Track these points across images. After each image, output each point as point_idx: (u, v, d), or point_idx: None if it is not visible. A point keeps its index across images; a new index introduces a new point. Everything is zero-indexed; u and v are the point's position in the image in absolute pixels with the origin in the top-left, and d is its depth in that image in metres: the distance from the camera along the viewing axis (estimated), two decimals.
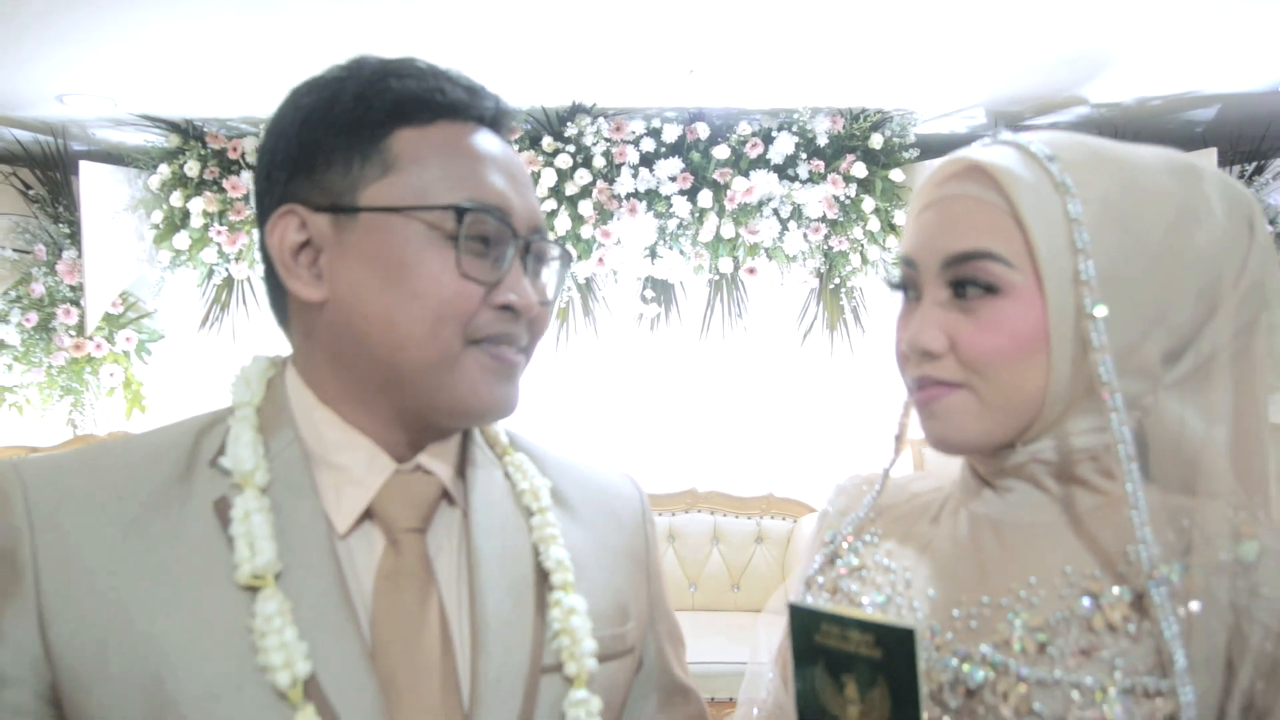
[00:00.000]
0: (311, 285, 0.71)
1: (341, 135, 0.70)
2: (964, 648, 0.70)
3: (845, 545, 0.82)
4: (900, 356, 0.76)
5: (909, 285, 0.76)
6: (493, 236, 0.71)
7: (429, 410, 0.72)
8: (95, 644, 0.63)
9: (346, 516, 0.70)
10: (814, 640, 0.64)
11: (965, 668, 0.69)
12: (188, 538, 0.66)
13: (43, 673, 0.64)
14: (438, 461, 0.75)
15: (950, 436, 0.74)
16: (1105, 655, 0.66)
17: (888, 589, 0.77)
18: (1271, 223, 3.60)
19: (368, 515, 0.71)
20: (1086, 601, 0.68)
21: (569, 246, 2.62)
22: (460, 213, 0.69)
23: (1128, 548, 0.67)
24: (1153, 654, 0.65)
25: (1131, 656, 0.66)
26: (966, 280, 0.71)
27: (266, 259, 0.73)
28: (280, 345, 0.78)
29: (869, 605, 0.76)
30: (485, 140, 0.74)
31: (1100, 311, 0.67)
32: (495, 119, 0.75)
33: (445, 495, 0.75)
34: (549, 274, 0.77)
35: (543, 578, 0.75)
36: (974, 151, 0.73)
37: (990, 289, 0.70)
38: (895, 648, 0.60)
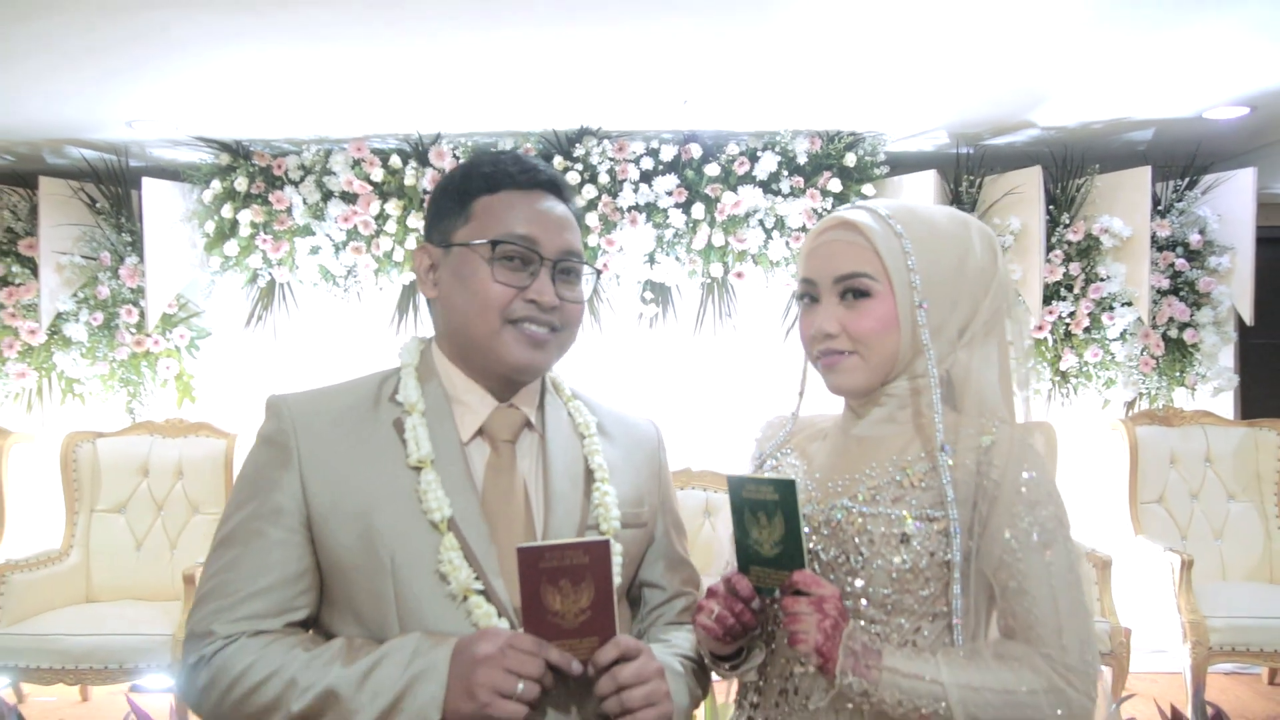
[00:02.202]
0: (431, 289, 1.16)
1: (449, 201, 1.15)
2: (832, 501, 1.14)
3: (769, 458, 1.26)
4: (809, 339, 1.18)
5: (807, 295, 1.18)
6: (522, 257, 1.12)
7: (491, 365, 1.14)
8: (331, 495, 1.07)
9: (468, 432, 1.14)
10: (742, 495, 1.08)
11: (833, 512, 1.13)
12: (379, 440, 1.10)
13: (304, 510, 1.07)
14: (523, 402, 1.18)
15: (846, 385, 1.17)
16: (908, 499, 1.10)
17: (793, 476, 1.21)
18: (1201, 231, 4.01)
19: (480, 432, 1.15)
20: (900, 474, 1.12)
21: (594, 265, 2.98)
22: (494, 244, 1.11)
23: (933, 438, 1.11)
24: (936, 497, 1.09)
25: (923, 499, 1.10)
26: (850, 289, 1.14)
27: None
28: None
29: None
30: (532, 198, 1.15)
31: (924, 305, 1.11)
32: (546, 184, 1.17)
33: (528, 423, 1.18)
34: (586, 282, 1.19)
35: (589, 475, 1.18)
36: (845, 212, 1.17)
37: (863, 293, 1.14)
38: (784, 493, 1.04)
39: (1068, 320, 3.92)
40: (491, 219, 1.13)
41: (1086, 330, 3.93)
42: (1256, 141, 3.98)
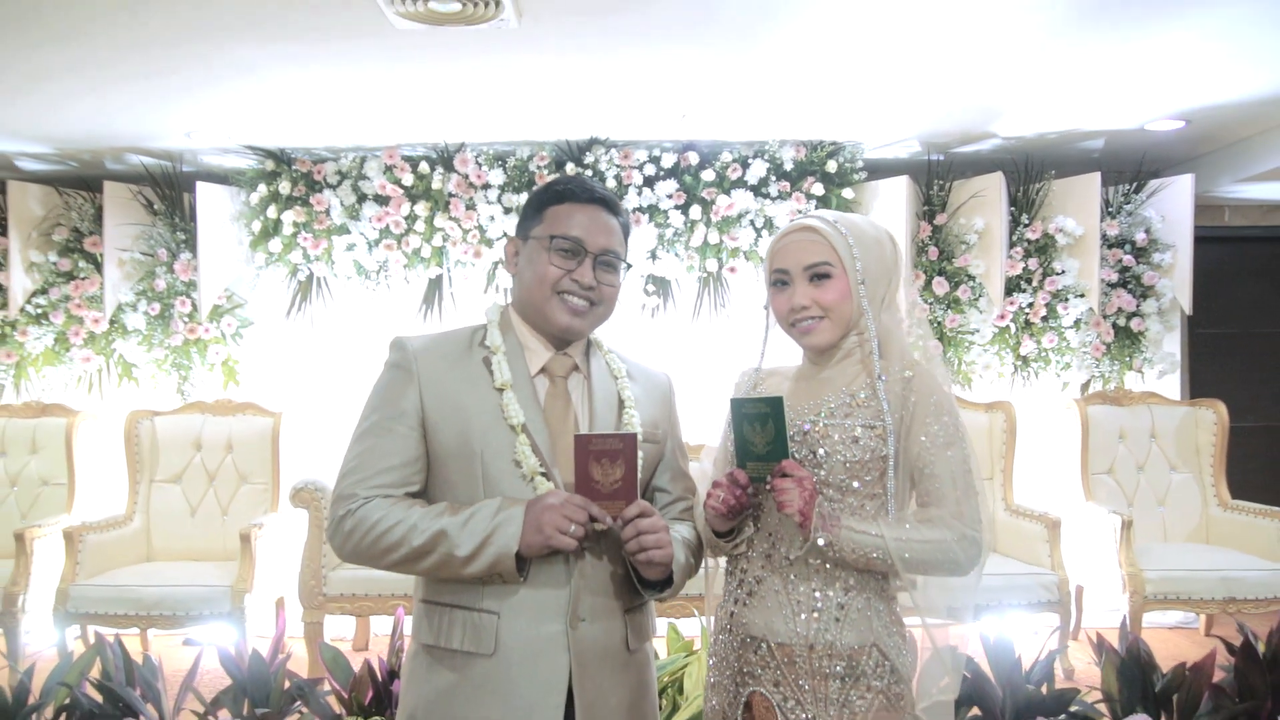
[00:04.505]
0: (513, 268, 1.60)
1: (531, 208, 1.60)
2: (802, 418, 1.57)
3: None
4: (786, 312, 1.60)
5: (779, 281, 1.61)
6: (571, 249, 1.55)
7: (544, 324, 1.57)
8: (439, 405, 1.51)
9: (534, 369, 1.58)
10: (742, 411, 1.52)
11: (803, 424, 1.56)
12: (473, 370, 1.54)
13: (420, 414, 1.51)
14: (574, 352, 1.62)
15: (818, 342, 1.60)
16: (856, 413, 1.54)
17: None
18: (1146, 231, 4.44)
19: (542, 370, 1.58)
20: (849, 397, 1.56)
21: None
22: (552, 238, 1.55)
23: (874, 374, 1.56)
24: (875, 412, 1.53)
25: (866, 413, 1.54)
26: (816, 274, 1.57)
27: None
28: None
29: None
30: (585, 209, 1.58)
31: (864, 282, 1.56)
32: (599, 200, 1.59)
33: (576, 367, 1.61)
34: (622, 272, 1.62)
35: (621, 404, 1.61)
36: (805, 220, 1.60)
37: (826, 276, 1.57)
38: (774, 405, 1.47)
39: (1027, 310, 4.35)
40: (555, 221, 1.57)
41: (1044, 319, 4.36)
42: (1194, 151, 4.42)
